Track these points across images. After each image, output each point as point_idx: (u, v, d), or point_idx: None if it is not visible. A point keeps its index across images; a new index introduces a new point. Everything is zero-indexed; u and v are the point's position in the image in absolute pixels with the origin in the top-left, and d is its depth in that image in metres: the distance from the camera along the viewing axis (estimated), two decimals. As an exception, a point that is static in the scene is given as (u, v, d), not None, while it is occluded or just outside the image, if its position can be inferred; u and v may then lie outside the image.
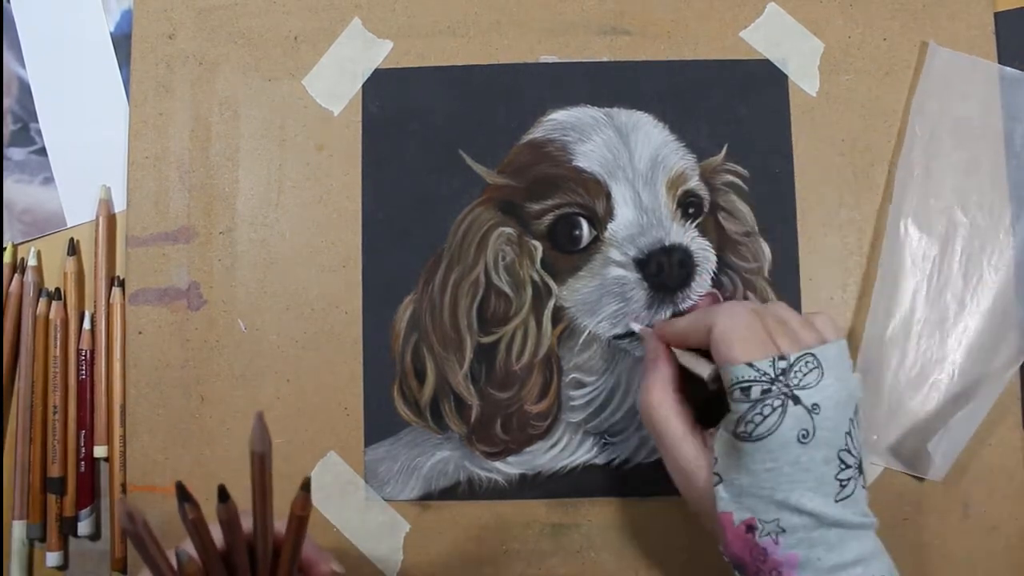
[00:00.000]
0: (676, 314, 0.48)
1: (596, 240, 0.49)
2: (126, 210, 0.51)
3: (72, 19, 0.53)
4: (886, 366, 0.48)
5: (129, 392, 0.50)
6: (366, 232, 0.50)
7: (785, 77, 0.51)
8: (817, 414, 0.36)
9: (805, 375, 0.37)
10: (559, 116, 0.50)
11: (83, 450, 0.50)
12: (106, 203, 0.51)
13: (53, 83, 0.52)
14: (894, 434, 0.48)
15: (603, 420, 0.49)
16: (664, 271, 0.48)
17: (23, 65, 0.52)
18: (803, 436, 0.36)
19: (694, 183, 0.50)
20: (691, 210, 0.49)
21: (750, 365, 0.37)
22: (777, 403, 0.36)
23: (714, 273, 0.49)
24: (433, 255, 0.50)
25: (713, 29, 0.51)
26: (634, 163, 0.49)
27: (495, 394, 0.49)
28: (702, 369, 0.40)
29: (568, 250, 0.49)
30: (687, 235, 0.49)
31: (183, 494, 0.32)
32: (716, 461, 0.39)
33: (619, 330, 0.49)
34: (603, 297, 0.49)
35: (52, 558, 0.50)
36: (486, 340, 0.49)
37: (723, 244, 0.50)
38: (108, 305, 0.51)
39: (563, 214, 0.49)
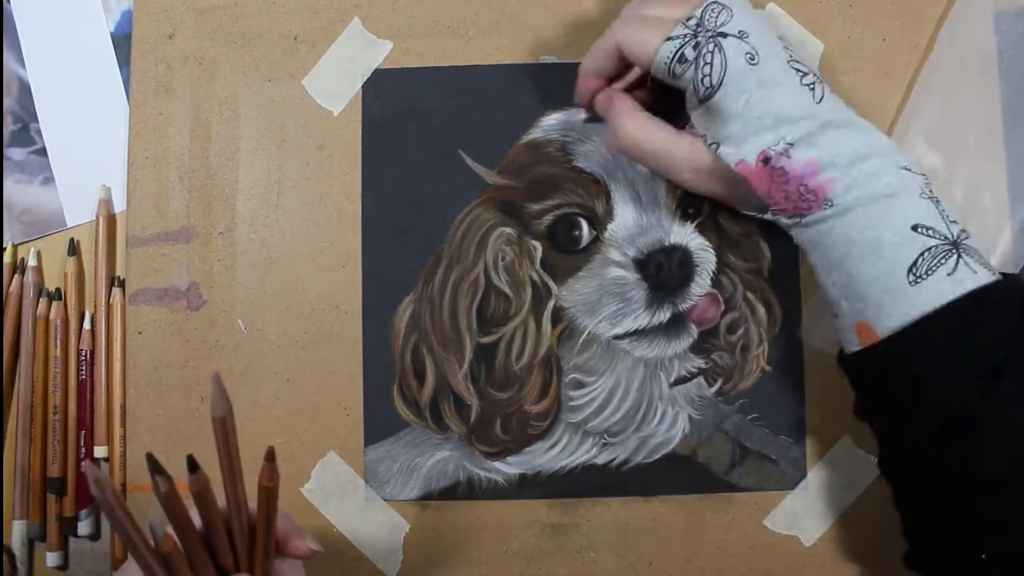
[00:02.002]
0: (676, 315, 0.48)
1: (596, 240, 0.49)
2: (126, 210, 0.51)
3: (72, 19, 0.52)
4: None
5: (129, 392, 0.50)
6: (366, 232, 0.50)
7: (785, 77, 0.51)
8: (747, 38, 0.39)
9: (717, 17, 0.39)
10: (559, 116, 0.50)
11: (83, 450, 0.50)
12: (106, 203, 0.51)
13: (53, 83, 0.52)
14: None
15: (603, 420, 0.49)
16: (664, 271, 0.48)
17: (23, 65, 0.52)
18: (750, 59, 0.38)
19: (694, 183, 0.50)
20: (691, 210, 0.49)
21: (668, 39, 0.39)
22: (711, 46, 0.38)
23: (714, 273, 0.49)
24: (433, 255, 0.50)
25: (713, 29, 0.51)
26: (634, 163, 0.49)
27: (495, 394, 0.49)
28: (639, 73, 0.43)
29: (568, 250, 0.49)
30: (687, 235, 0.49)
31: (155, 466, 0.31)
32: (705, 138, 0.40)
33: (619, 330, 0.49)
34: (603, 297, 0.49)
35: (52, 558, 0.50)
36: (486, 340, 0.49)
37: (723, 244, 0.50)
38: (108, 305, 0.51)
39: (563, 214, 0.49)
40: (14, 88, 0.52)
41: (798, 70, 0.39)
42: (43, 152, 0.52)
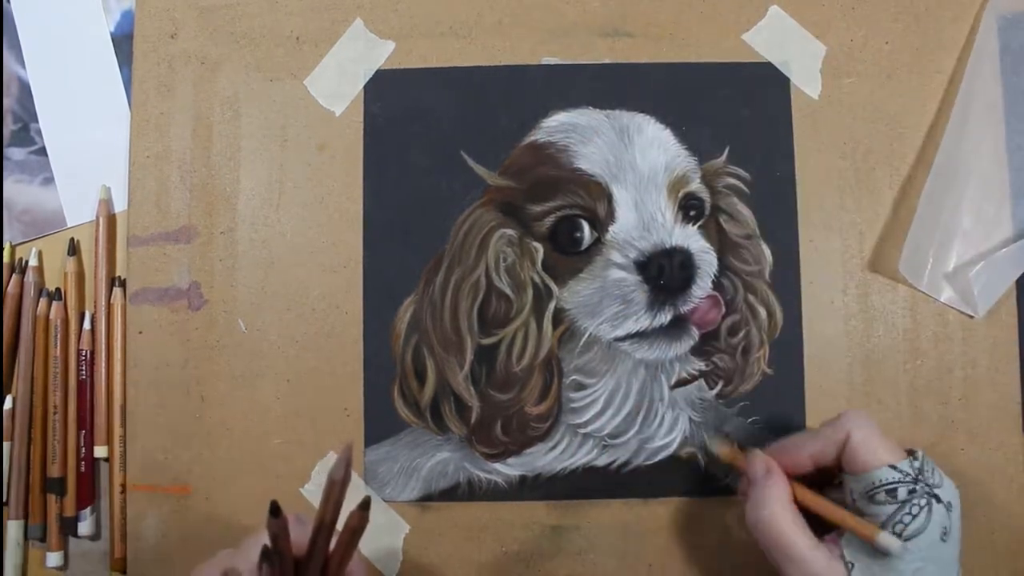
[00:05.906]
0: (677, 318, 0.48)
1: (597, 242, 0.49)
2: (127, 209, 0.51)
3: (72, 19, 0.52)
4: (952, 191, 0.49)
5: (129, 392, 0.50)
6: (367, 233, 0.50)
7: (787, 80, 0.51)
8: (951, 511, 0.38)
9: (934, 472, 0.38)
10: (561, 118, 0.50)
11: (83, 450, 0.50)
12: (106, 203, 0.51)
13: (53, 83, 0.52)
14: (950, 262, 0.49)
15: (603, 422, 0.49)
16: (665, 273, 0.48)
17: (23, 65, 0.52)
18: (944, 535, 0.37)
19: (695, 186, 0.50)
20: (692, 213, 0.49)
21: (893, 467, 0.38)
22: (923, 502, 0.37)
23: (715, 276, 0.49)
24: (434, 256, 0.50)
25: (715, 31, 0.51)
26: (636, 165, 0.49)
27: (495, 396, 0.49)
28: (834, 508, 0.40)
29: (569, 252, 0.49)
30: (688, 238, 0.49)
31: (275, 510, 0.34)
32: (852, 567, 0.38)
33: (620, 332, 0.49)
34: (604, 299, 0.48)
35: (52, 558, 0.50)
36: (487, 342, 0.49)
37: (724, 247, 0.50)
38: (108, 305, 0.51)
39: (564, 216, 0.49)
40: (14, 88, 0.52)
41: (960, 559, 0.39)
42: (43, 152, 0.52)
